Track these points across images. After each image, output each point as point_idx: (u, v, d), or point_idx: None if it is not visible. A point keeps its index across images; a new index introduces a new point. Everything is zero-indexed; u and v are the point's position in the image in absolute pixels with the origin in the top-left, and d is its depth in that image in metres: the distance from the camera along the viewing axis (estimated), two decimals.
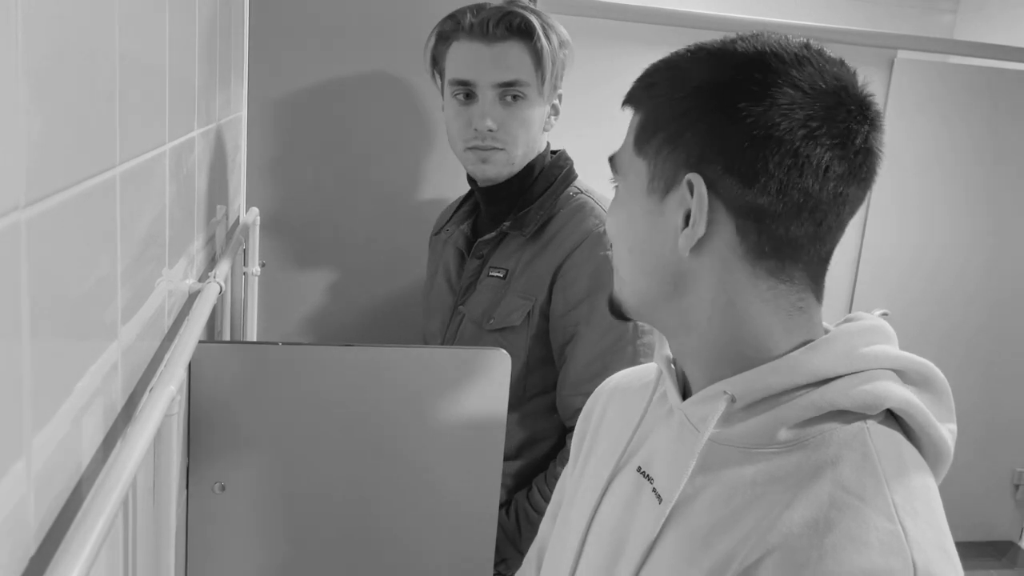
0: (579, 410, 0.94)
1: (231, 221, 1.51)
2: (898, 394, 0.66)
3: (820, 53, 0.66)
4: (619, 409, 0.85)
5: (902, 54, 2.56)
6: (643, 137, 0.69)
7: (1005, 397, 2.88)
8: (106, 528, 0.52)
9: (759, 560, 0.60)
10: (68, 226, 0.55)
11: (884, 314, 2.72)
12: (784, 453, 0.65)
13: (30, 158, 0.47)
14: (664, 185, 0.67)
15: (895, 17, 3.49)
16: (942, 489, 0.67)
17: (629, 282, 0.73)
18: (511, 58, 1.37)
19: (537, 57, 1.37)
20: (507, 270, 1.41)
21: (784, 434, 0.65)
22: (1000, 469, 2.90)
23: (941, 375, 0.70)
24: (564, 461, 1.14)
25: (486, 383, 1.11)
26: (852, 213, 0.67)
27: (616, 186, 0.74)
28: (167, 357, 0.87)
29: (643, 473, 0.74)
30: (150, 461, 0.78)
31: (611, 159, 0.74)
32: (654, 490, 0.71)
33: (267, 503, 1.10)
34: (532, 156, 1.42)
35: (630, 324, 1.32)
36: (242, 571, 1.11)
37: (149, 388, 0.80)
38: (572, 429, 1.16)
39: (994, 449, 2.87)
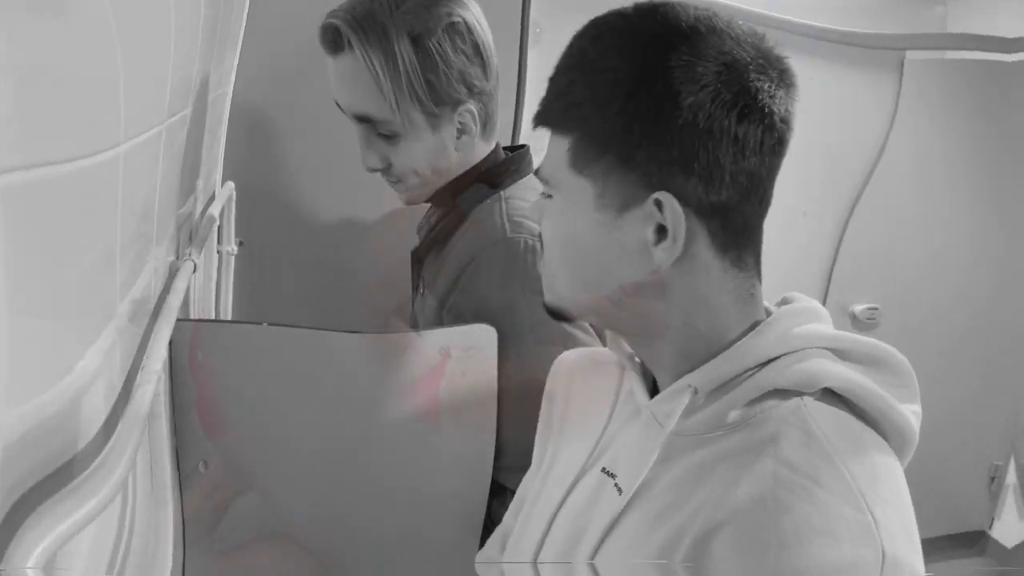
0: None
1: (208, 196, 1.46)
2: (835, 372, 0.66)
3: (730, 23, 0.65)
4: (583, 397, 0.85)
5: (911, 54, 2.57)
6: (583, 159, 0.67)
7: (986, 392, 2.89)
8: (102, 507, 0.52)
9: (709, 534, 0.61)
10: (74, 201, 0.54)
11: (873, 308, 2.72)
12: (730, 433, 0.66)
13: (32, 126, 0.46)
14: (620, 203, 0.66)
15: (885, 11, 3.49)
16: (919, 483, 0.67)
17: (570, 292, 0.73)
18: (349, 80, 1.08)
19: (375, 76, 1.04)
20: (429, 281, 1.25)
21: (733, 416, 0.66)
22: (979, 463, 2.93)
23: (900, 356, 0.70)
24: None
25: (473, 360, 1.09)
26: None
27: (548, 196, 0.72)
28: (152, 335, 0.86)
29: (607, 472, 0.75)
30: (145, 441, 0.78)
31: (537, 173, 0.73)
32: (615, 484, 0.72)
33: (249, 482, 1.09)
34: (455, 173, 1.18)
35: (508, 366, 1.09)
36: (224, 548, 1.10)
37: (141, 368, 0.80)
38: None
39: (973, 442, 2.89)
